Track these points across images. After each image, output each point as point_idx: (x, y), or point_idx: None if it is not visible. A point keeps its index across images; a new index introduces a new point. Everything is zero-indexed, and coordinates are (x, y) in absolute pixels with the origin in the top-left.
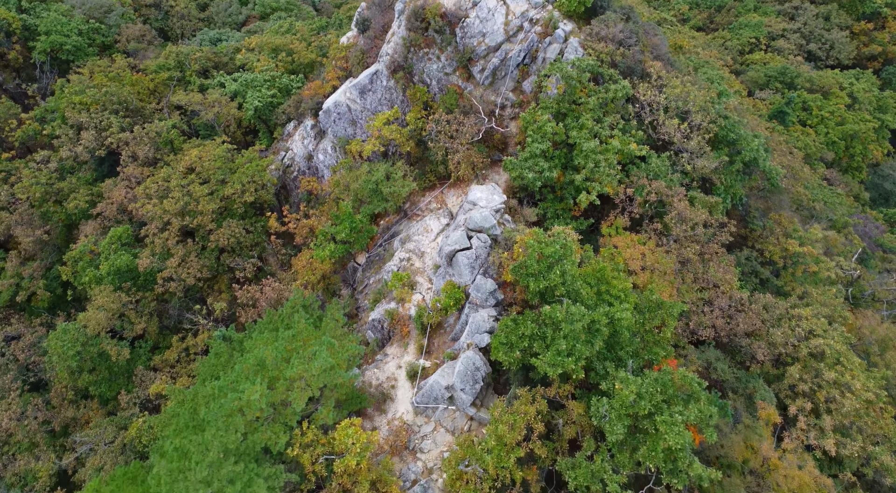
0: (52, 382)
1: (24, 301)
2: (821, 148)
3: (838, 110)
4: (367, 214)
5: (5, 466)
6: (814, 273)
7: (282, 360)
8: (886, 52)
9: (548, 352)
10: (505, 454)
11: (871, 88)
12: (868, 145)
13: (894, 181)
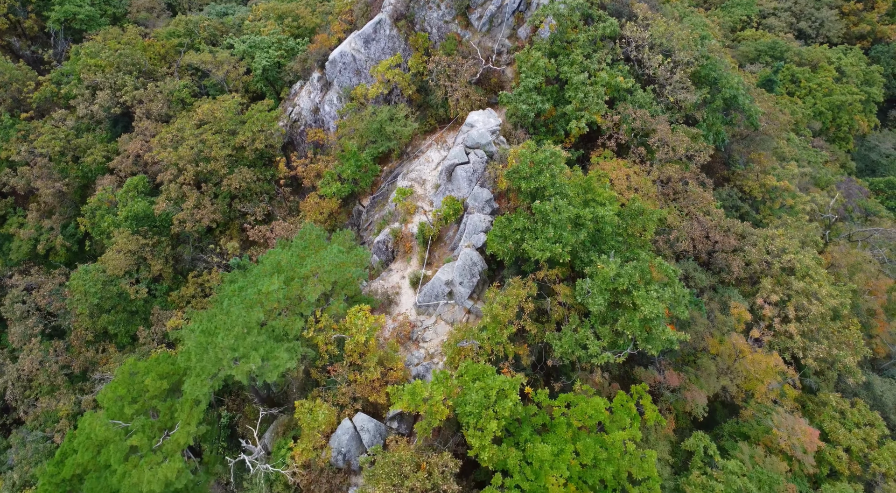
0: (70, 329)
1: (43, 256)
2: (808, 116)
3: (826, 83)
4: (372, 153)
5: (27, 409)
6: (790, 207)
7: (296, 263)
8: (875, 32)
9: (537, 240)
10: (499, 331)
11: (859, 62)
12: (854, 116)
13: (881, 152)
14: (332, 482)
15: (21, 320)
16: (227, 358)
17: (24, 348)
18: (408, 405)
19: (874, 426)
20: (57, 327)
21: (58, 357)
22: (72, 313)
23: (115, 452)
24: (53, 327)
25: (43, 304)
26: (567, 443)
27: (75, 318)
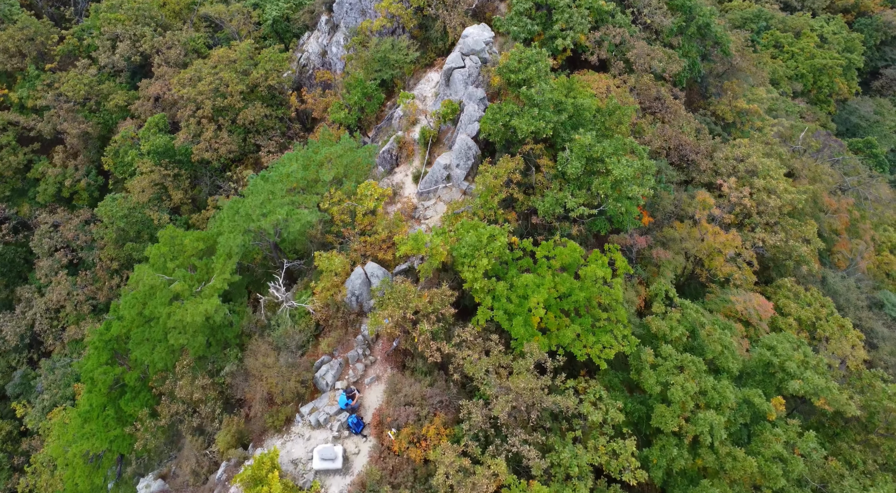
0: (95, 263)
1: (67, 198)
2: (790, 73)
3: (808, 48)
4: (377, 80)
5: (54, 342)
6: (759, 129)
7: (312, 153)
8: (859, 5)
9: (524, 118)
10: (490, 198)
11: (840, 30)
12: (835, 78)
13: (861, 115)
14: (347, 319)
15: (49, 255)
16: (255, 214)
17: (51, 281)
18: (411, 249)
19: (824, 306)
20: (82, 260)
21: (84, 288)
22: (97, 245)
23: (161, 297)
24: (79, 260)
25: (70, 237)
26: (547, 278)
27: (100, 249)
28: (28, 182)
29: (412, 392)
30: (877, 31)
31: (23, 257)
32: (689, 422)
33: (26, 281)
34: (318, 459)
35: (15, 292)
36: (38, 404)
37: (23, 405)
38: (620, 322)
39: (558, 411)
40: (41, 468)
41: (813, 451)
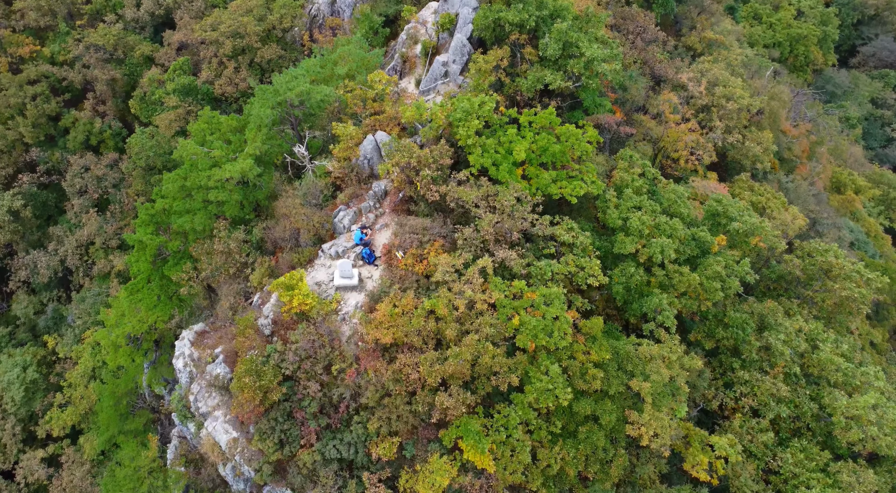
0: (122, 200)
1: (94, 146)
2: (767, 41)
3: (786, 18)
4: (381, 13)
5: (83, 279)
6: (725, 58)
7: (328, 53)
8: None
9: (511, 11)
10: (482, 79)
11: (817, 4)
12: (811, 48)
13: (836, 84)
14: (360, 178)
15: (79, 194)
16: (283, 89)
17: (82, 220)
18: (414, 115)
19: (776, 197)
20: (110, 199)
21: (112, 223)
22: (125, 183)
23: (202, 165)
24: (107, 198)
25: (99, 175)
26: (528, 135)
27: (127, 187)
28: (59, 131)
29: (415, 224)
30: (854, 11)
31: (54, 201)
32: (645, 247)
33: (57, 223)
34: (338, 276)
35: (47, 232)
36: (70, 333)
37: (54, 338)
38: (590, 172)
39: (535, 234)
40: (77, 381)
41: (748, 275)
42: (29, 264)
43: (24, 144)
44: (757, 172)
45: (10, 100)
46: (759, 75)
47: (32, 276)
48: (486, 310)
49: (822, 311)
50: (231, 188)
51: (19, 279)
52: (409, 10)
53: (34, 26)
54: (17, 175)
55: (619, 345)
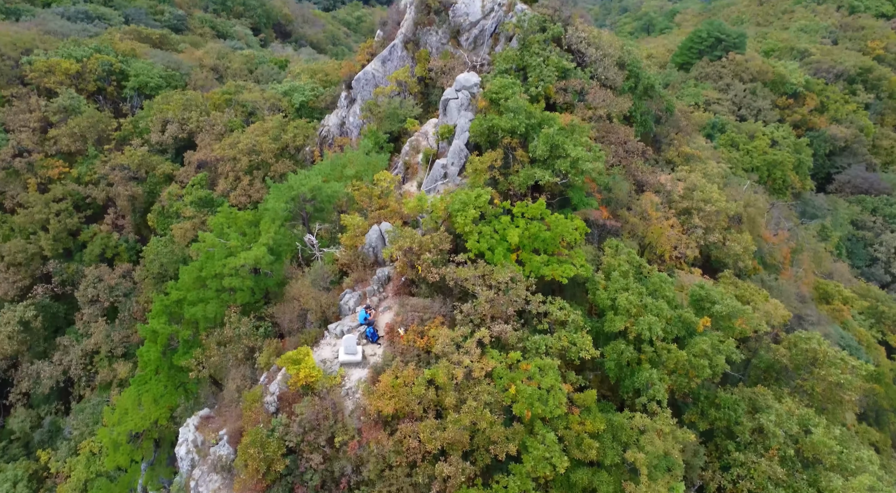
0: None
1: (109, 259)
2: (746, 166)
3: (762, 146)
4: (386, 131)
5: (84, 390)
6: (702, 170)
7: (337, 159)
8: (807, 121)
9: (503, 119)
10: (478, 178)
11: (790, 135)
12: (788, 172)
13: (815, 205)
14: (365, 265)
15: (91, 304)
16: (296, 184)
17: (90, 329)
18: (416, 206)
19: (759, 292)
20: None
21: (119, 331)
22: (136, 290)
23: (218, 254)
24: (117, 307)
25: (112, 283)
26: (521, 223)
27: (139, 292)
28: (77, 245)
29: (417, 304)
30: (825, 142)
31: (63, 312)
32: (633, 325)
33: (64, 334)
34: (343, 352)
35: (53, 343)
36: (64, 447)
37: (48, 453)
38: (579, 257)
39: (530, 311)
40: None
41: (733, 354)
42: (32, 375)
43: (42, 257)
44: (740, 272)
45: (36, 216)
46: (738, 185)
47: (34, 387)
48: (484, 379)
49: (812, 399)
50: (244, 275)
51: (20, 391)
52: (411, 123)
53: (65, 151)
54: (32, 287)
55: (613, 417)
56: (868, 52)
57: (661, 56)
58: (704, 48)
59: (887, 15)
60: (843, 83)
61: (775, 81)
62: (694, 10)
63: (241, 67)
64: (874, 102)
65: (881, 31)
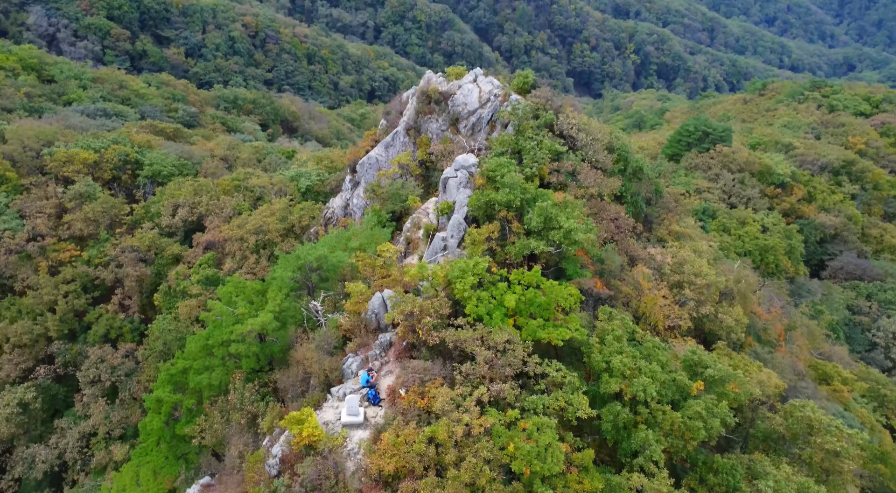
0: (131, 389)
1: (113, 339)
2: (738, 250)
3: (753, 232)
4: (388, 210)
5: (82, 467)
6: (693, 247)
7: (342, 232)
8: (796, 210)
9: (499, 193)
10: (476, 249)
11: (779, 222)
12: (780, 256)
13: (809, 290)
14: (368, 330)
15: (91, 384)
16: (303, 254)
17: (90, 410)
18: (417, 274)
19: (753, 363)
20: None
21: (119, 412)
22: (138, 369)
23: (226, 321)
24: (118, 388)
25: (115, 363)
26: (518, 289)
27: (141, 371)
28: (82, 326)
29: (417, 366)
30: (815, 230)
31: (63, 394)
32: (628, 387)
33: (63, 416)
34: (345, 413)
35: (51, 426)
36: None
37: None
38: (574, 321)
39: (527, 373)
40: None
41: (727, 417)
42: (26, 460)
43: (47, 338)
44: (734, 345)
45: (44, 297)
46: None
47: (27, 472)
48: (483, 435)
49: (812, 469)
50: (250, 341)
51: (12, 477)
52: (413, 200)
53: (78, 235)
54: (34, 368)
55: (611, 477)
56: (850, 147)
57: (652, 148)
58: (693, 141)
59: (865, 113)
60: (829, 175)
61: (762, 172)
62: (682, 108)
63: (250, 157)
64: (860, 192)
65: (861, 127)
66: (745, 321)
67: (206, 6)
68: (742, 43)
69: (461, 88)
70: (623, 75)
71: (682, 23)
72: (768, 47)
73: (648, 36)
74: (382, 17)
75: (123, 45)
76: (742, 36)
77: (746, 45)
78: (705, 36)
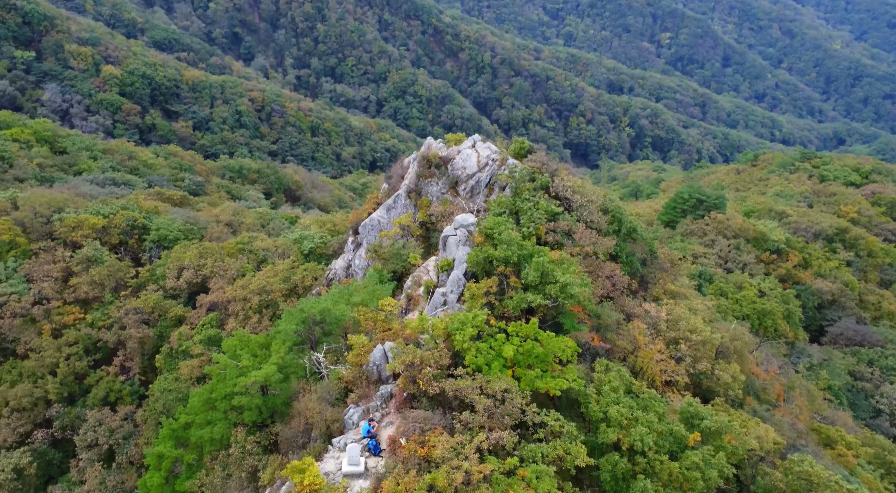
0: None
1: (112, 402)
2: (736, 314)
3: (750, 296)
4: (390, 270)
5: None
6: (687, 305)
7: (344, 288)
8: (793, 276)
9: (497, 250)
10: (475, 303)
11: (776, 287)
12: (778, 321)
13: (809, 355)
14: (369, 382)
15: (89, 448)
16: (307, 307)
17: (85, 475)
18: (417, 326)
19: (751, 419)
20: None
21: (116, 474)
22: (137, 432)
23: (230, 374)
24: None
25: (114, 427)
26: (515, 341)
27: (140, 434)
28: (82, 389)
29: (418, 416)
30: (813, 296)
31: (59, 459)
32: (626, 436)
33: (57, 482)
34: (346, 463)
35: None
36: None
37: None
38: (571, 372)
39: (526, 422)
40: None
41: (725, 468)
42: None
43: (46, 401)
44: (731, 402)
45: (46, 360)
46: (724, 324)
47: None
48: (482, 482)
49: None
50: (253, 393)
51: None
52: (414, 257)
53: (83, 298)
54: (32, 432)
55: None
56: (843, 215)
57: (649, 215)
58: (687, 208)
59: (856, 184)
60: (823, 242)
61: (757, 238)
62: (677, 178)
63: (255, 222)
64: (855, 259)
65: (852, 197)
66: (742, 379)
67: (215, 83)
68: (733, 117)
69: (460, 153)
70: (619, 147)
71: (674, 98)
72: (759, 121)
73: (642, 110)
74: (384, 92)
75: (134, 119)
76: (733, 110)
77: (738, 119)
78: (697, 110)
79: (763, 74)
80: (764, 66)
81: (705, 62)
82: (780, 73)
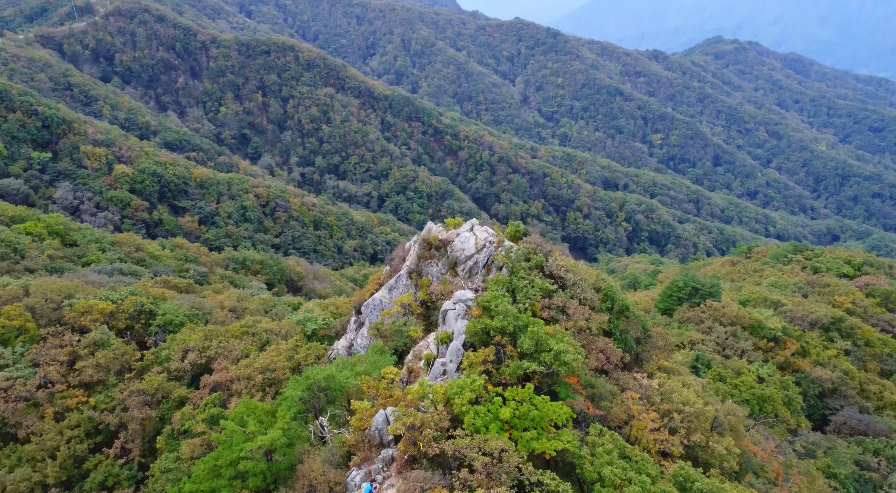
0: None
1: (110, 486)
2: (736, 399)
3: (748, 381)
4: (391, 347)
5: None
6: (680, 380)
7: (347, 359)
8: (791, 363)
9: (494, 320)
10: (473, 371)
11: (775, 373)
12: (779, 407)
13: (813, 442)
14: (371, 446)
15: None
16: (312, 374)
17: None
18: (418, 392)
19: (748, 490)
20: None
21: None
22: None
23: (237, 440)
24: None
25: None
26: (512, 404)
27: None
28: (80, 473)
29: (418, 475)
30: (813, 384)
31: None
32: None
33: None
34: None
35: None
36: None
37: None
38: (566, 434)
39: (523, 481)
40: None
41: None
42: None
43: (44, 486)
44: (728, 475)
45: (47, 444)
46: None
47: None
48: None
49: None
50: (258, 458)
51: None
52: (414, 331)
53: (87, 381)
54: None
55: None
56: (838, 306)
57: (646, 304)
58: (683, 296)
59: (849, 275)
60: (819, 331)
61: (754, 326)
62: (674, 270)
63: (258, 308)
64: (853, 348)
65: (846, 288)
66: (737, 452)
67: (223, 180)
68: (727, 213)
69: (459, 236)
70: (616, 241)
71: (668, 194)
72: (753, 217)
73: (638, 205)
74: (386, 187)
75: (141, 214)
76: (727, 207)
77: (732, 215)
78: (691, 206)
79: (753, 173)
80: (754, 165)
81: (696, 161)
82: (769, 172)
